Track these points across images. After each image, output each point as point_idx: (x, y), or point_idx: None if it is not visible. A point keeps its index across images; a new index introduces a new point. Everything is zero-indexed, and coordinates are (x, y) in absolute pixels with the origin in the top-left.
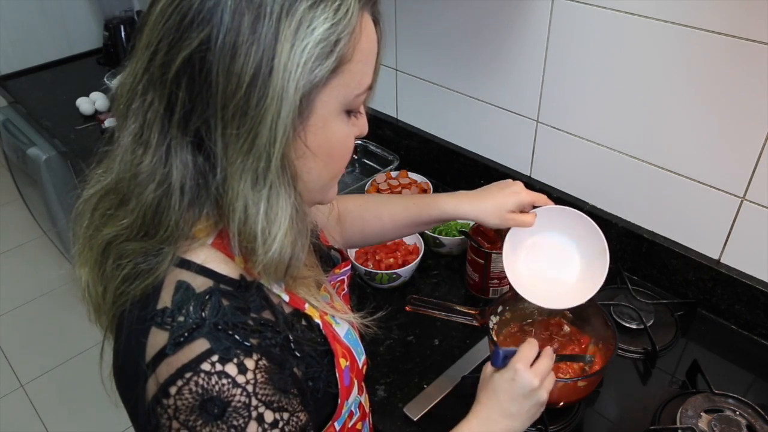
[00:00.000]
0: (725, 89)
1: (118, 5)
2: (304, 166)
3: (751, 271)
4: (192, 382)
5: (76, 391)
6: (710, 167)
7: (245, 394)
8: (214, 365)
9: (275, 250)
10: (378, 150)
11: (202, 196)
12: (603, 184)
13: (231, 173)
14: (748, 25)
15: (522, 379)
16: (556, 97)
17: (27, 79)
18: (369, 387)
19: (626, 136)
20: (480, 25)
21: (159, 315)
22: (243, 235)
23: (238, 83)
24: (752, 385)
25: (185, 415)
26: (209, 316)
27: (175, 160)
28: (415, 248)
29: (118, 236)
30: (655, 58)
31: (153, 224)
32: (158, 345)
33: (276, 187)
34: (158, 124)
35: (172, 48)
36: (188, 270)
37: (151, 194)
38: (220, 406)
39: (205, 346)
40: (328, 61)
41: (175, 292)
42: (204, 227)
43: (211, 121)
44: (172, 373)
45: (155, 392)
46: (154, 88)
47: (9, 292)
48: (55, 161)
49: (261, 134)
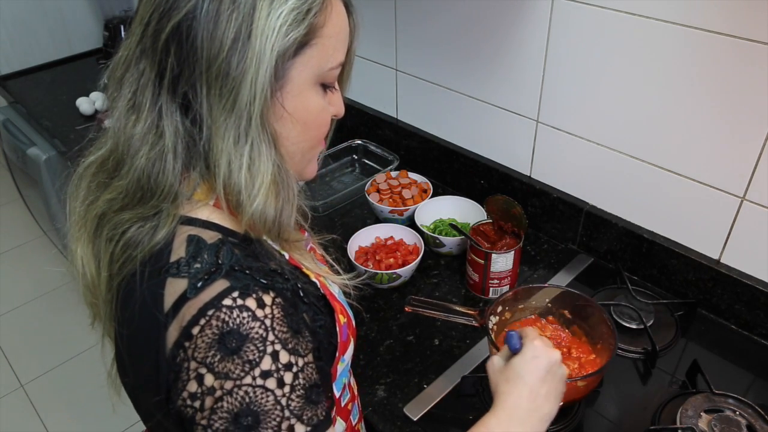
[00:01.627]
0: (725, 89)
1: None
2: (282, 128)
3: (751, 271)
4: (214, 318)
5: (76, 391)
6: (710, 167)
7: (263, 327)
8: (235, 300)
9: (259, 203)
10: (378, 150)
11: (193, 156)
12: (603, 184)
13: (215, 131)
14: (749, 25)
15: (545, 354)
16: (556, 97)
17: (27, 79)
18: (369, 387)
19: (626, 136)
20: (480, 25)
21: (174, 266)
22: (228, 188)
23: (220, 47)
24: (752, 385)
25: (204, 352)
26: (225, 260)
27: (166, 122)
28: (415, 248)
29: (113, 204)
30: (655, 58)
31: (149, 186)
32: (177, 292)
33: (257, 144)
34: (150, 90)
35: (162, 18)
36: (195, 226)
37: (144, 156)
38: (239, 339)
39: (225, 284)
40: (301, 27)
41: (187, 244)
42: (203, 191)
43: (197, 83)
44: (195, 313)
45: (176, 338)
46: (146, 56)
47: (9, 292)
48: (55, 161)
49: (242, 93)
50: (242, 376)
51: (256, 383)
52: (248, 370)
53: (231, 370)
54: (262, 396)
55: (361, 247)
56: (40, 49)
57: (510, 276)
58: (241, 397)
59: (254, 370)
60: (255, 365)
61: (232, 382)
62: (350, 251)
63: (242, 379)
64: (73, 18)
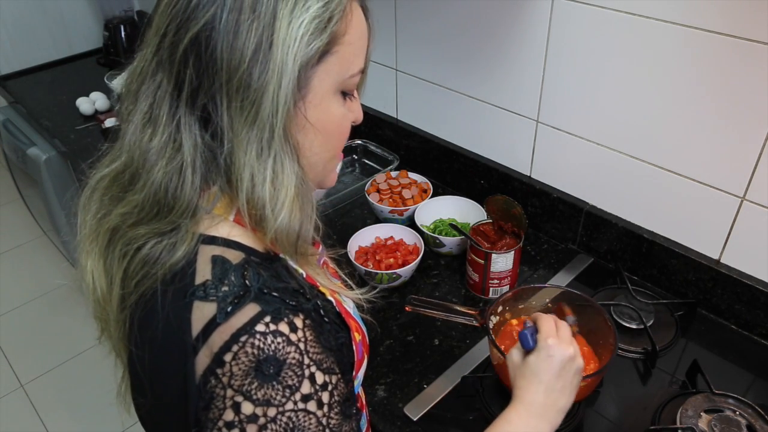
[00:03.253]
0: (725, 89)
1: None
2: (305, 139)
3: (751, 271)
4: (248, 345)
5: (76, 391)
6: (710, 167)
7: (299, 351)
8: (268, 325)
9: (284, 216)
10: (378, 150)
11: (212, 170)
12: (603, 184)
13: (237, 145)
14: (748, 25)
15: (559, 352)
16: (556, 97)
17: (27, 79)
18: (369, 387)
19: (626, 135)
20: (480, 25)
21: (200, 289)
22: (251, 203)
23: (241, 58)
24: (752, 385)
25: (240, 380)
26: (252, 283)
27: (184, 135)
28: (415, 248)
29: (127, 219)
30: (655, 58)
31: (166, 201)
32: (206, 317)
33: (280, 156)
34: (167, 103)
35: (180, 29)
36: (217, 245)
37: (161, 170)
38: (276, 365)
39: (257, 309)
40: (323, 36)
41: (212, 266)
42: (223, 205)
43: (217, 95)
44: (227, 339)
45: (208, 364)
46: (163, 69)
47: (9, 292)
48: (55, 161)
49: (264, 105)
50: (284, 402)
51: (299, 407)
52: (289, 396)
53: (272, 396)
54: (305, 419)
55: (361, 247)
56: (40, 49)
57: (510, 276)
58: (285, 422)
59: (295, 394)
60: (295, 390)
61: (275, 408)
62: (350, 251)
63: (284, 405)
64: (73, 18)
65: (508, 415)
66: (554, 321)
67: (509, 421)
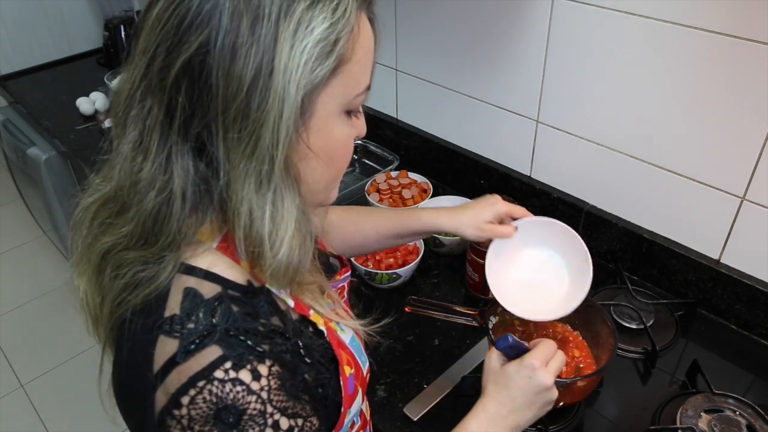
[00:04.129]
0: (725, 89)
1: (118, 5)
2: (306, 167)
3: (751, 271)
4: (206, 391)
5: (76, 391)
6: (710, 167)
7: (260, 401)
8: (228, 372)
9: (283, 254)
10: (378, 150)
11: (205, 202)
12: (603, 184)
13: (234, 177)
14: (748, 25)
15: (538, 377)
16: (556, 97)
17: (27, 79)
18: (369, 387)
19: (626, 136)
20: (480, 25)
21: (167, 323)
22: (249, 239)
23: (238, 86)
24: (752, 385)
25: (200, 426)
26: (220, 322)
27: (176, 166)
28: (415, 248)
29: (117, 245)
30: (655, 57)
31: (153, 232)
32: (167, 354)
33: (280, 190)
34: (158, 131)
35: (171, 52)
36: (194, 276)
37: (151, 202)
38: (236, 414)
39: (218, 353)
40: (329, 61)
41: (183, 299)
42: (208, 230)
43: (213, 125)
44: (184, 382)
45: (165, 403)
46: (153, 95)
47: (9, 292)
48: (55, 161)
49: (263, 136)
50: None
51: None
52: None
53: None
54: None
55: None
56: (40, 49)
57: None
58: None
59: None
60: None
61: None
62: None
63: None
64: (73, 18)
65: (468, 423)
66: (553, 349)
67: (468, 429)
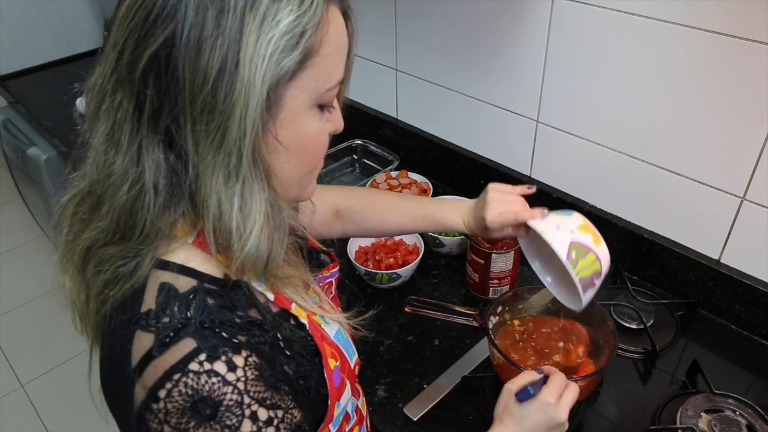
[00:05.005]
0: (725, 89)
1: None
2: (276, 161)
3: (751, 271)
4: (181, 384)
5: (76, 391)
6: (710, 167)
7: (237, 392)
8: (202, 364)
9: (252, 245)
10: (378, 150)
11: (177, 194)
12: (603, 184)
13: (203, 170)
14: (748, 25)
15: (553, 413)
16: (556, 97)
17: (27, 79)
18: (369, 387)
19: (626, 136)
20: (480, 25)
21: (143, 318)
22: (218, 231)
23: (204, 78)
24: (752, 385)
25: (176, 418)
26: (195, 315)
27: (146, 159)
28: (415, 248)
29: (97, 241)
30: (655, 57)
31: (128, 226)
32: (144, 348)
33: (249, 182)
34: (128, 124)
35: (138, 46)
36: (169, 271)
37: (124, 195)
38: (212, 406)
39: (192, 345)
40: (295, 53)
41: (158, 293)
42: (183, 226)
43: (181, 117)
44: (160, 375)
45: (143, 398)
46: (123, 88)
47: (9, 292)
48: (55, 161)
49: (230, 129)
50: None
51: None
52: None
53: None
54: None
55: (361, 247)
56: (40, 49)
57: (510, 276)
58: None
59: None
60: (235, 429)
61: None
62: (350, 251)
63: None
64: (73, 18)
65: None
66: (565, 382)
67: None
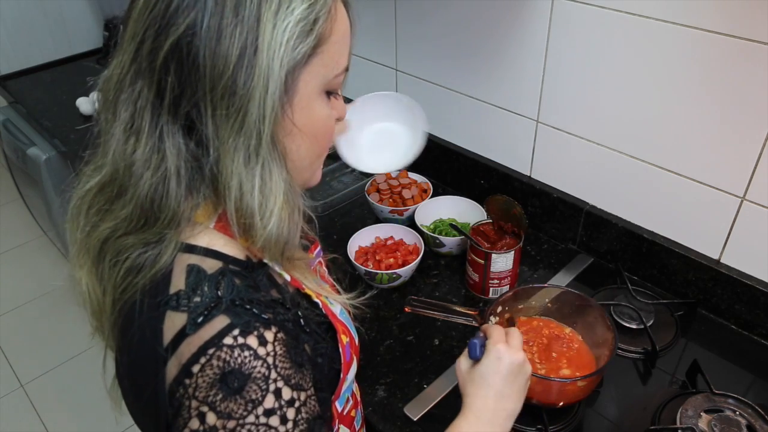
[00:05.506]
0: (725, 89)
1: (118, 5)
2: (292, 143)
3: (751, 271)
4: (215, 357)
5: (76, 391)
6: (710, 167)
7: (265, 365)
8: (236, 338)
9: (273, 224)
10: None
11: (197, 179)
12: (603, 184)
13: (223, 153)
14: (748, 25)
15: (508, 356)
16: (556, 97)
17: (27, 79)
18: (369, 387)
19: (626, 135)
20: (480, 25)
21: (173, 299)
22: (240, 212)
23: (225, 64)
24: (752, 385)
25: (205, 391)
26: (225, 294)
27: (168, 145)
28: (415, 248)
29: (116, 231)
30: (655, 58)
31: (152, 212)
32: (176, 327)
33: (268, 163)
34: (149, 112)
35: (159, 35)
36: (195, 254)
37: (147, 182)
38: (241, 378)
39: (226, 321)
40: (309, 39)
41: (187, 275)
42: (204, 212)
43: (201, 103)
44: (194, 351)
45: (176, 374)
46: (143, 77)
47: (9, 292)
48: (55, 161)
49: (250, 112)
50: (245, 416)
51: (260, 422)
52: (251, 410)
53: (233, 409)
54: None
55: (361, 247)
56: (40, 49)
57: (510, 276)
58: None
59: (257, 408)
60: (258, 404)
61: (234, 421)
62: (350, 251)
63: (245, 419)
64: (73, 18)
65: (458, 424)
66: (504, 330)
67: (459, 429)
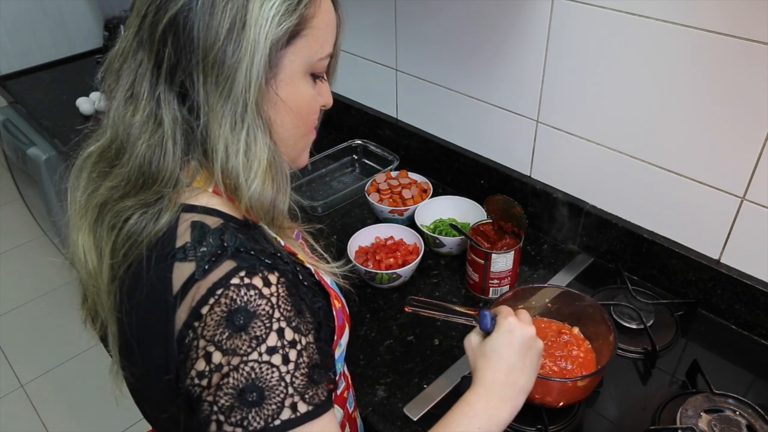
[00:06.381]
0: (726, 89)
1: (118, 5)
2: (276, 115)
3: (751, 271)
4: (223, 297)
5: (76, 391)
6: (710, 167)
7: (269, 304)
8: (242, 279)
9: (257, 185)
10: (378, 150)
11: (191, 143)
12: (603, 184)
13: (212, 118)
14: (749, 25)
15: (519, 330)
16: (556, 97)
17: (27, 79)
18: (369, 387)
19: (626, 135)
20: (480, 24)
21: (180, 251)
22: (226, 173)
23: (216, 37)
24: (752, 385)
25: (213, 330)
26: (229, 243)
27: (164, 111)
28: (415, 248)
29: (114, 193)
30: (655, 58)
31: (150, 173)
32: (185, 275)
33: (253, 129)
34: (147, 80)
35: (159, 10)
36: (197, 212)
37: (145, 143)
38: (246, 316)
39: (232, 264)
40: (293, 17)
41: (191, 230)
42: (201, 178)
43: (194, 72)
44: (204, 293)
45: (185, 319)
46: (144, 48)
47: (9, 292)
48: (55, 161)
49: (237, 80)
50: (249, 352)
51: (262, 359)
52: (255, 346)
53: (238, 346)
54: (267, 372)
55: (361, 247)
56: (40, 49)
57: (510, 276)
58: (247, 372)
59: (261, 346)
60: (261, 341)
61: (239, 358)
62: (350, 251)
63: (249, 355)
64: (73, 18)
65: (468, 398)
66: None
67: (469, 403)
